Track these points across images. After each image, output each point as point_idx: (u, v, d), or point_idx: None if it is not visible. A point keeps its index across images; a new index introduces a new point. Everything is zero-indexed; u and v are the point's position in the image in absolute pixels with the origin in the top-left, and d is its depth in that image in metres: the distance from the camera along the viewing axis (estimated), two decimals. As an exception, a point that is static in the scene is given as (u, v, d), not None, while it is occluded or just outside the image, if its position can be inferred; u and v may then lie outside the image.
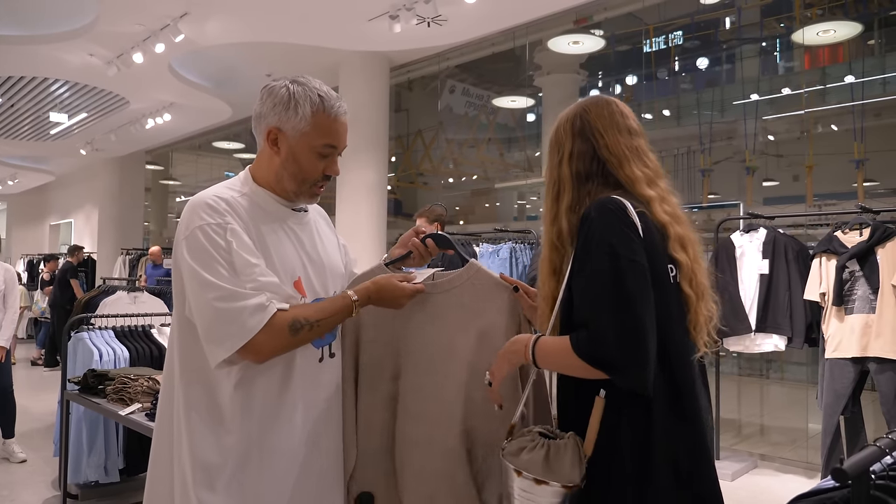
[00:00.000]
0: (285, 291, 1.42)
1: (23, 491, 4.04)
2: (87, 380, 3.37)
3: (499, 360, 1.38)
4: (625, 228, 1.26)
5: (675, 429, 1.27)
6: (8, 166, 14.88)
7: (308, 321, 1.39)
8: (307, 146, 1.44)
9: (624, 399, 1.24)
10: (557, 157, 1.40)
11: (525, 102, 9.07)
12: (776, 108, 7.52)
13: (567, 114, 1.43)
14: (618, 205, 1.28)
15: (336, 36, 6.80)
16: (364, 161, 7.31)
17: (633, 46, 8.01)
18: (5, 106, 9.69)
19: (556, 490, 1.20)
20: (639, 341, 1.19)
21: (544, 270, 1.40)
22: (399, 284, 1.50)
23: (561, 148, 1.40)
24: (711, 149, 7.62)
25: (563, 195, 1.37)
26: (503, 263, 5.72)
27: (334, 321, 1.46)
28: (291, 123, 1.43)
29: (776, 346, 4.33)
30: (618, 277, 1.22)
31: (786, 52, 7.72)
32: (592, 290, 1.24)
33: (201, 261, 1.35)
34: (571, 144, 1.38)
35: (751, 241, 4.46)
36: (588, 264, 1.26)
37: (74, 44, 7.04)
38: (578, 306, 1.27)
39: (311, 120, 1.43)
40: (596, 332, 1.21)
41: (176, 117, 9.72)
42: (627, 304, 1.20)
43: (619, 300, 1.21)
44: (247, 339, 1.33)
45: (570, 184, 1.37)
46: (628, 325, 1.20)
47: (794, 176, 7.53)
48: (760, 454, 4.78)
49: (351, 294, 1.46)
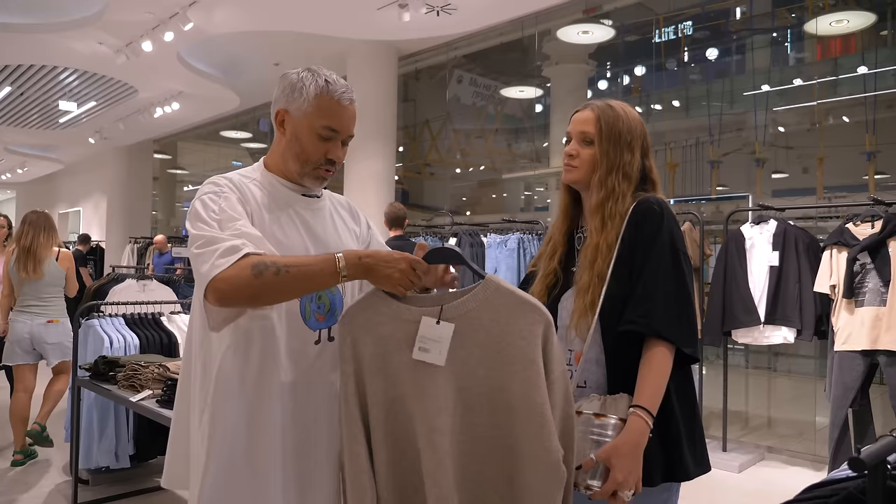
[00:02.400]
0: (268, 247, 1.37)
1: (35, 476, 4.08)
2: (98, 366, 3.39)
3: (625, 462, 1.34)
4: (678, 228, 1.53)
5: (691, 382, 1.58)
6: (17, 154, 14.95)
7: (276, 265, 1.29)
8: (308, 126, 1.46)
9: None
10: (626, 156, 1.56)
11: (533, 93, 9.02)
12: (787, 100, 7.45)
13: (633, 120, 1.59)
14: (671, 207, 1.56)
15: (344, 25, 6.78)
16: (372, 151, 7.30)
17: (643, 36, 7.95)
18: (15, 94, 9.72)
19: (613, 423, 1.39)
20: (694, 321, 1.47)
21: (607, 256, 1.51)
22: (399, 255, 1.35)
23: (631, 152, 1.57)
24: (720, 140, 7.57)
25: (628, 195, 1.55)
26: (511, 254, 5.73)
27: (309, 273, 1.32)
28: (296, 104, 1.46)
29: (785, 338, 4.32)
30: (680, 269, 1.48)
31: (797, 42, 7.64)
32: (663, 278, 1.45)
33: (194, 223, 1.40)
34: (640, 155, 1.59)
35: (761, 232, 4.44)
36: (655, 254, 1.47)
37: (84, 32, 7.05)
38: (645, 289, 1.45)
39: (314, 101, 1.45)
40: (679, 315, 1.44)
41: (184, 106, 9.72)
42: (688, 292, 1.47)
43: (683, 288, 1.47)
44: (213, 276, 1.29)
45: (633, 188, 1.56)
46: (690, 308, 1.47)
47: (804, 168, 7.48)
48: (768, 446, 4.78)
49: (337, 252, 1.36)
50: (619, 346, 1.47)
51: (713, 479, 4.16)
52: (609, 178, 1.54)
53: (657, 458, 1.43)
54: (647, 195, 1.55)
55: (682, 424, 1.47)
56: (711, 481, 4.13)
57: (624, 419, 1.38)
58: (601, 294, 1.48)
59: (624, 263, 1.49)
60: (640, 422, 1.37)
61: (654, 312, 1.42)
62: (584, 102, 1.64)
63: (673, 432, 1.45)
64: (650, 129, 1.66)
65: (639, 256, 1.48)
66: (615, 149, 1.55)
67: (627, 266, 1.49)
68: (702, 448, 1.53)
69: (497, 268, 5.81)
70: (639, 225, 1.50)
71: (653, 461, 1.41)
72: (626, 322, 1.44)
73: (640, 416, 1.37)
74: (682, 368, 1.49)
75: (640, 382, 1.41)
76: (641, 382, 1.41)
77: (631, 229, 1.50)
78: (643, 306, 1.44)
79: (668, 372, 1.42)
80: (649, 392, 1.40)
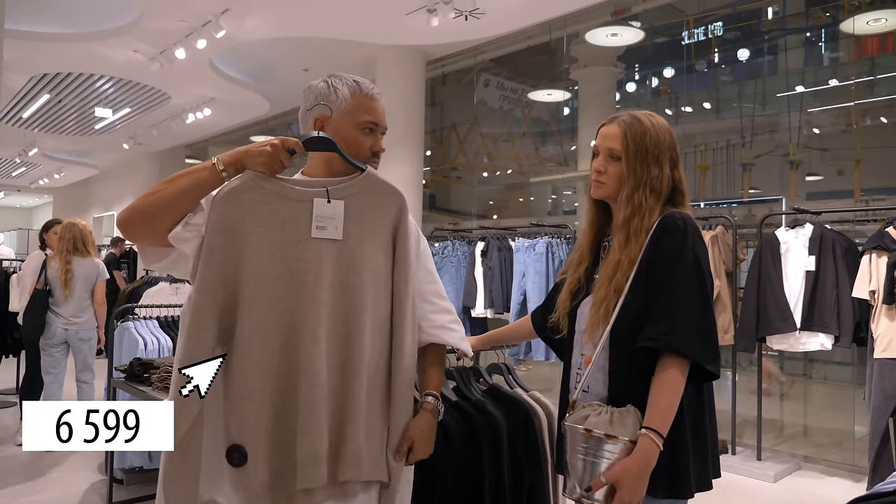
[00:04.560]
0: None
1: (72, 475, 4.17)
2: (133, 368, 3.43)
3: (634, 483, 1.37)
4: (703, 244, 1.52)
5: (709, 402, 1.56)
6: (54, 160, 15.33)
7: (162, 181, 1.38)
8: (351, 124, 1.53)
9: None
10: (654, 170, 1.56)
11: (561, 96, 8.97)
12: (821, 101, 7.29)
13: (661, 132, 1.58)
14: (696, 223, 1.54)
15: (373, 30, 6.83)
16: (400, 155, 7.33)
17: (672, 38, 7.85)
18: (53, 102, 9.97)
19: (623, 444, 1.39)
20: (716, 339, 1.48)
21: (626, 270, 1.51)
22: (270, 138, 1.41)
23: (658, 166, 1.56)
24: (753, 142, 7.44)
25: (656, 209, 1.54)
26: (539, 258, 5.69)
27: (188, 172, 1.37)
28: (335, 106, 1.52)
29: (822, 345, 4.22)
30: (703, 286, 1.47)
31: (832, 42, 7.48)
32: (685, 295, 1.45)
33: None
34: (668, 168, 1.57)
35: (796, 237, 4.35)
36: (678, 271, 1.46)
37: (119, 41, 7.21)
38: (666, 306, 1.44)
39: (352, 100, 1.52)
40: (700, 333, 1.43)
41: (215, 112, 9.88)
42: (711, 310, 1.47)
43: (706, 306, 1.46)
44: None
45: (661, 202, 1.56)
46: (713, 326, 1.47)
47: (839, 170, 7.31)
48: (804, 456, 4.67)
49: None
50: (624, 357, 1.49)
51: (747, 489, 4.09)
52: (636, 194, 1.54)
53: (661, 473, 1.43)
54: (672, 210, 1.54)
55: (690, 441, 1.47)
56: (746, 491, 4.06)
57: (633, 441, 1.39)
58: (616, 305, 1.50)
59: (644, 277, 1.49)
60: (650, 444, 1.38)
61: (674, 330, 1.42)
62: (611, 115, 1.63)
63: (680, 448, 1.45)
64: (680, 131, 1.65)
65: (660, 272, 1.48)
66: (642, 164, 1.55)
67: (647, 281, 1.49)
68: (710, 466, 1.53)
69: (525, 272, 5.77)
70: (661, 240, 1.50)
71: (657, 475, 1.41)
72: (645, 339, 1.44)
73: (652, 439, 1.39)
74: (701, 384, 1.49)
75: (652, 401, 1.42)
76: (654, 402, 1.41)
77: (653, 244, 1.50)
78: (664, 323, 1.43)
79: (681, 391, 1.42)
80: (661, 413, 1.40)
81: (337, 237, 1.42)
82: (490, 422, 1.96)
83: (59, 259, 4.67)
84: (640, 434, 1.40)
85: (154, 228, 1.34)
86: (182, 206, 1.34)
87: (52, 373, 4.75)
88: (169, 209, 1.33)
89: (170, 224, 1.35)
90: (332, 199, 1.43)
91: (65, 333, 4.70)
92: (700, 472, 1.49)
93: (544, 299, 1.95)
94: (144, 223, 1.35)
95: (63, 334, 4.70)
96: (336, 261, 1.43)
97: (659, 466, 1.41)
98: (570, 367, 1.67)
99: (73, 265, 4.67)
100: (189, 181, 1.35)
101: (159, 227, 1.34)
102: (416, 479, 1.81)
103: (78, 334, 4.73)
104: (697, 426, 1.50)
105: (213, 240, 1.36)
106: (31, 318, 4.68)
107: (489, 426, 1.95)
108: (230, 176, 1.37)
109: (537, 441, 2.03)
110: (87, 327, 4.76)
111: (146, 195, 1.35)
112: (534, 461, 2.02)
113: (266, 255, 1.38)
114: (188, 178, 1.35)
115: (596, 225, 1.68)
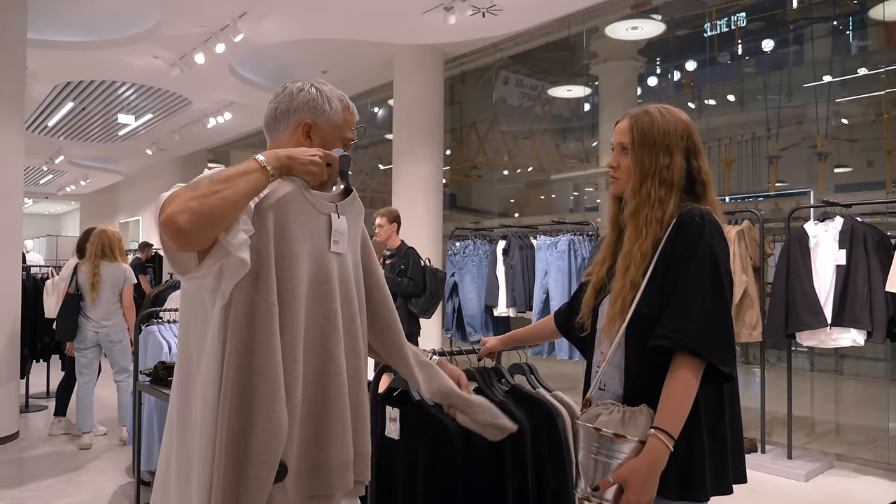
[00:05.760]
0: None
1: (100, 477, 4.22)
2: (158, 371, 3.46)
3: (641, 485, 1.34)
4: (723, 241, 1.47)
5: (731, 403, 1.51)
6: (80, 167, 15.61)
7: (208, 176, 1.28)
8: (339, 136, 1.58)
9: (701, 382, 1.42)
10: (664, 160, 1.52)
11: (581, 92, 8.88)
12: (850, 90, 7.12)
13: (671, 122, 1.55)
14: (715, 217, 1.48)
15: (390, 30, 6.82)
16: (419, 155, 7.31)
17: (694, 30, 7.72)
18: (77, 109, 10.14)
19: (632, 444, 1.36)
20: (732, 338, 1.42)
21: (640, 264, 1.49)
22: (312, 149, 1.44)
23: (669, 155, 1.52)
24: (779, 134, 7.29)
25: (668, 201, 1.51)
26: (561, 256, 5.63)
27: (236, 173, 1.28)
28: (326, 117, 1.56)
29: (854, 340, 4.11)
30: (720, 284, 1.42)
31: (860, 30, 7.29)
32: (700, 292, 1.40)
33: None
34: (682, 158, 1.53)
35: (826, 230, 4.24)
36: (693, 267, 1.41)
37: (139, 47, 7.30)
38: (680, 302, 1.40)
39: (342, 115, 1.58)
40: (715, 331, 1.39)
41: (236, 116, 9.96)
42: (727, 308, 1.42)
43: (722, 304, 1.41)
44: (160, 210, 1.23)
45: (676, 192, 1.52)
46: (729, 325, 1.41)
47: (869, 161, 7.13)
48: (836, 454, 4.55)
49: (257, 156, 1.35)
50: (639, 355, 1.46)
51: (778, 489, 4.00)
52: (643, 186, 1.52)
53: (675, 475, 1.40)
54: (691, 206, 1.50)
55: (707, 443, 1.43)
56: (777, 490, 3.97)
57: (643, 441, 1.37)
58: (633, 301, 1.47)
59: (660, 274, 1.46)
60: (659, 445, 1.35)
61: (687, 328, 1.38)
62: (626, 111, 1.63)
63: (696, 451, 1.41)
64: (703, 125, 1.61)
65: (675, 269, 1.44)
66: (649, 155, 1.53)
67: (663, 277, 1.45)
68: (729, 469, 1.48)
69: (548, 270, 5.71)
70: (678, 236, 1.46)
71: (670, 477, 1.38)
72: (658, 336, 1.41)
73: (661, 440, 1.35)
74: (712, 384, 1.44)
75: (663, 401, 1.38)
76: (665, 402, 1.38)
77: (671, 241, 1.47)
78: (677, 321, 1.39)
79: (694, 391, 1.38)
80: (671, 413, 1.37)
81: (344, 251, 1.51)
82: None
83: (88, 264, 4.86)
84: (649, 434, 1.36)
85: (215, 233, 1.25)
86: (240, 210, 1.27)
87: (85, 373, 4.96)
88: (233, 212, 1.25)
89: (225, 228, 1.26)
90: (341, 215, 1.52)
91: (96, 336, 4.89)
92: (718, 475, 1.45)
93: (569, 300, 1.93)
94: (209, 227, 1.22)
95: (94, 337, 4.88)
96: (339, 273, 1.49)
97: (673, 468, 1.38)
98: (590, 366, 1.66)
99: (101, 270, 4.86)
100: (247, 184, 1.28)
101: (218, 231, 1.25)
102: (439, 482, 1.79)
103: (108, 337, 4.91)
104: (716, 428, 1.45)
105: (268, 247, 1.32)
106: (64, 322, 4.86)
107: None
108: (275, 179, 1.35)
109: (561, 442, 1.99)
110: (116, 330, 4.94)
111: (202, 196, 1.21)
112: (558, 462, 1.98)
113: (303, 265, 1.39)
114: (244, 180, 1.27)
115: (617, 223, 1.66)
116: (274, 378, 1.28)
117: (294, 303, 1.36)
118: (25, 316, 5.69)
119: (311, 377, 1.41)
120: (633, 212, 1.53)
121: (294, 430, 1.35)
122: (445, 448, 1.84)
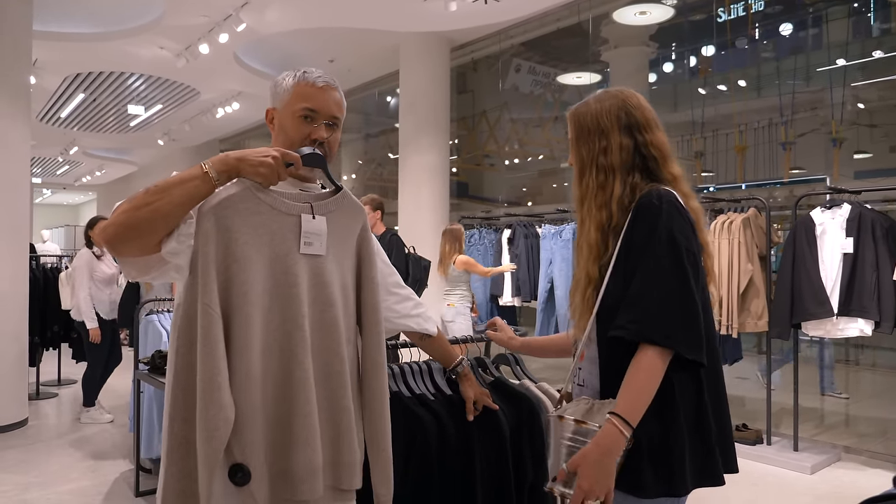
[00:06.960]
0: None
1: (104, 464, 4.27)
2: (155, 360, 3.49)
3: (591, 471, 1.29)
4: (684, 221, 1.39)
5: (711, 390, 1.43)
6: (95, 158, 15.77)
7: (150, 186, 1.28)
8: (290, 112, 1.50)
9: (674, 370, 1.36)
10: (600, 145, 1.47)
11: (591, 78, 8.74)
12: (868, 74, 6.93)
13: (605, 106, 1.49)
14: (675, 197, 1.41)
15: (394, 17, 6.76)
16: (425, 144, 7.26)
17: (707, 15, 7.56)
18: (88, 100, 10.21)
19: (592, 431, 1.33)
20: (698, 323, 1.34)
21: (588, 255, 1.46)
22: (266, 149, 1.37)
23: (605, 138, 1.47)
24: (794, 120, 7.13)
25: (611, 184, 1.45)
26: (566, 245, 5.57)
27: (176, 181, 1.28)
28: (279, 98, 1.52)
29: (861, 330, 4.01)
30: (680, 267, 1.34)
31: (881, 11, 7.08)
32: (658, 277, 1.34)
33: None
34: (619, 137, 1.46)
35: (833, 217, 4.13)
36: (650, 252, 1.35)
37: (144, 38, 7.31)
38: (638, 290, 1.35)
39: (293, 89, 1.50)
40: (676, 318, 1.32)
41: (244, 106, 9.97)
42: (690, 291, 1.34)
43: (684, 287, 1.34)
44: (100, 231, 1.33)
45: (619, 174, 1.45)
46: (693, 309, 1.33)
47: (891, 147, 6.96)
48: (845, 446, 4.46)
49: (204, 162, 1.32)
50: (610, 348, 1.41)
51: (783, 481, 3.93)
52: (582, 178, 1.50)
53: (653, 471, 1.34)
54: (652, 188, 1.43)
55: (686, 434, 1.37)
56: (780, 483, 3.90)
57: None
58: (596, 292, 1.43)
59: (623, 263, 1.41)
60: (612, 430, 1.30)
61: (645, 317, 1.32)
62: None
63: (674, 443, 1.35)
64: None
65: (633, 256, 1.39)
66: (586, 145, 1.50)
67: (624, 265, 1.41)
68: (717, 458, 1.41)
69: (552, 259, 5.66)
70: (636, 223, 1.41)
71: (648, 474, 1.33)
72: (616, 327, 1.36)
73: (615, 425, 1.30)
74: (687, 372, 1.37)
75: (621, 389, 1.34)
76: (623, 389, 1.33)
77: (630, 227, 1.41)
78: (635, 310, 1.34)
79: (659, 377, 1.32)
80: (628, 399, 1.32)
81: (321, 253, 1.43)
82: (492, 418, 1.90)
83: None
84: (606, 420, 1.32)
85: (146, 244, 1.28)
86: (175, 220, 1.28)
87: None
88: (163, 223, 1.27)
89: (161, 237, 1.29)
90: (316, 216, 1.43)
91: None
92: (703, 466, 1.39)
93: None
94: (136, 239, 1.27)
95: None
96: (312, 276, 1.42)
97: (650, 464, 1.33)
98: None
99: None
100: (183, 194, 1.27)
101: (151, 241, 1.28)
102: (414, 474, 1.77)
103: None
104: (697, 417, 1.39)
105: (208, 250, 1.31)
106: (125, 310, 5.04)
107: (490, 422, 1.89)
108: (221, 184, 1.32)
109: (542, 437, 1.96)
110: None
111: (133, 209, 1.26)
112: (537, 457, 1.95)
113: (258, 268, 1.35)
114: (180, 189, 1.27)
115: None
116: (209, 379, 1.27)
117: (246, 306, 1.32)
118: (36, 305, 5.75)
119: (278, 381, 1.37)
120: (578, 205, 1.51)
121: (257, 433, 1.34)
122: (421, 441, 1.81)
